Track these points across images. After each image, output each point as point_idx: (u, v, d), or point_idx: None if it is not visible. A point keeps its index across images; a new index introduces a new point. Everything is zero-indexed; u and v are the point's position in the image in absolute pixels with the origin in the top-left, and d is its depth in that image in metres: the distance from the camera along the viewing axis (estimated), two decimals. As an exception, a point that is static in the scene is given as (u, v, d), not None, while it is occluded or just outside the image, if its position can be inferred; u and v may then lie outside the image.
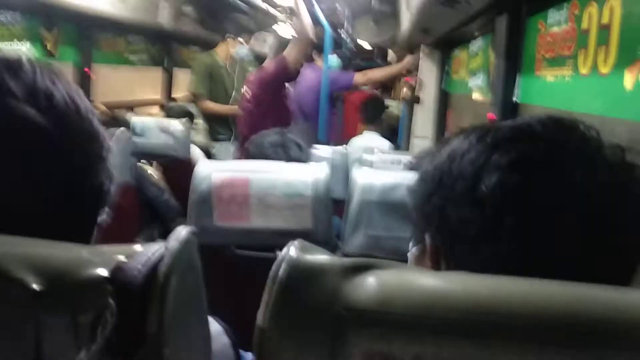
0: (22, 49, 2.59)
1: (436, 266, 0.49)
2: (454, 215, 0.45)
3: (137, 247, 0.37)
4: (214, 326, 0.66)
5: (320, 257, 0.35)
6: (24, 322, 0.33)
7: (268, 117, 2.68)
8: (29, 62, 0.49)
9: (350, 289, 0.33)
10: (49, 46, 2.80)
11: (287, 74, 2.74)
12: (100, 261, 0.35)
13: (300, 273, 0.33)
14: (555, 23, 1.22)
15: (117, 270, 0.35)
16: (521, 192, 0.43)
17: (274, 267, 0.34)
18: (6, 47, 2.49)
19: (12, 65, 0.47)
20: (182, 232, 0.38)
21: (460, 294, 0.32)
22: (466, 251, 0.45)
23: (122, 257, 0.36)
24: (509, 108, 1.51)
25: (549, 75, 1.24)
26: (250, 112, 2.80)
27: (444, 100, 2.91)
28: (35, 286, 0.34)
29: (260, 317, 0.32)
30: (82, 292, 0.34)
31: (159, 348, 0.34)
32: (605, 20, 0.96)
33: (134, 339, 0.33)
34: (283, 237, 1.33)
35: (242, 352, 0.69)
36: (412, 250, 0.56)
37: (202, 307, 0.41)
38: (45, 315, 0.33)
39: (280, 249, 0.97)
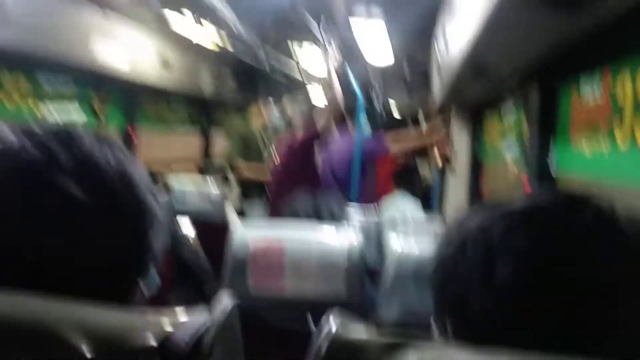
0: (73, 112, 2.77)
1: None
2: (474, 303, 0.45)
3: (183, 316, 0.39)
4: None
5: (360, 333, 0.35)
6: (75, 389, 0.34)
7: (297, 184, 2.73)
8: (85, 133, 0.51)
9: (392, 368, 0.33)
10: (97, 110, 2.98)
11: (317, 140, 2.85)
12: (149, 330, 0.36)
13: (342, 349, 0.34)
14: (588, 94, 1.23)
15: (165, 341, 0.36)
16: (537, 279, 0.42)
17: (315, 343, 0.34)
18: (58, 109, 2.66)
19: (66, 137, 0.50)
20: (226, 303, 0.39)
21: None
22: (487, 339, 0.43)
23: (169, 327, 0.37)
24: (545, 179, 1.50)
25: (586, 146, 1.23)
26: (280, 179, 2.88)
27: (477, 168, 2.90)
28: (88, 354, 0.35)
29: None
30: (131, 361, 0.35)
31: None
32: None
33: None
34: (317, 306, 1.32)
35: None
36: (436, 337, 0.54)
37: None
38: (95, 382, 0.34)
39: (314, 318, 0.96)
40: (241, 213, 3.09)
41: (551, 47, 1.25)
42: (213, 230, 2.49)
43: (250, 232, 1.35)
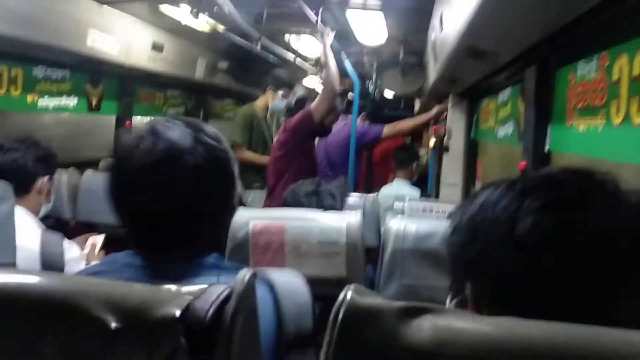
0: (70, 104, 2.75)
1: (479, 314, 0.50)
2: (495, 258, 0.48)
3: (204, 287, 0.40)
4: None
5: (376, 300, 0.37)
6: (104, 357, 0.36)
7: (292, 165, 2.71)
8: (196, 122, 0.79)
9: (406, 331, 0.34)
10: (93, 102, 2.96)
11: (312, 122, 2.76)
12: (171, 301, 0.38)
13: (359, 315, 0.35)
14: (585, 74, 1.25)
15: (187, 311, 0.37)
16: (555, 231, 0.46)
17: (334, 310, 0.36)
18: (53, 98, 2.65)
19: (201, 123, 0.81)
20: (245, 275, 0.40)
21: (511, 338, 0.34)
22: (509, 293, 0.47)
23: (190, 297, 0.39)
24: (540, 157, 1.52)
25: (581, 125, 1.25)
26: (276, 160, 2.84)
27: (473, 148, 2.93)
28: (113, 325, 0.37)
29: (323, 356, 0.34)
30: (155, 331, 0.37)
31: (225, 385, 0.36)
32: (636, 72, 0.98)
33: (203, 375, 0.36)
34: (317, 285, 1.34)
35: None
36: (452, 303, 0.57)
37: (259, 345, 0.44)
38: (122, 351, 0.36)
39: (315, 297, 0.99)
40: (240, 201, 3.07)
41: (548, 28, 1.26)
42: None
43: (250, 212, 1.36)
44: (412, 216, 1.77)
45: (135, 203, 0.74)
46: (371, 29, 3.04)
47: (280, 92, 3.45)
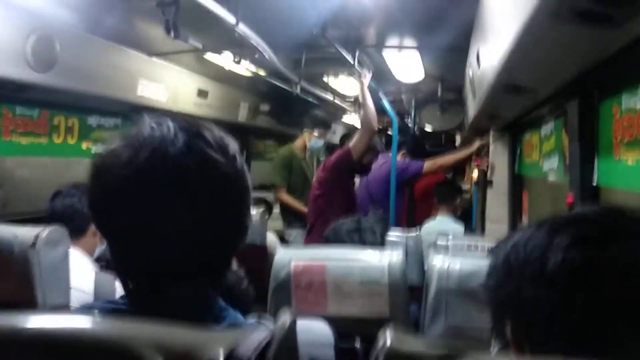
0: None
1: (520, 355, 0.50)
2: (528, 298, 0.49)
3: (245, 332, 0.41)
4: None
5: (415, 345, 0.37)
6: (152, 401, 0.38)
7: (332, 203, 2.73)
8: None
9: (446, 378, 0.34)
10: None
11: (350, 161, 2.80)
12: (215, 346, 0.39)
13: (398, 361, 0.36)
14: (630, 107, 1.22)
15: (230, 357, 0.39)
16: (585, 267, 0.47)
17: (373, 355, 0.36)
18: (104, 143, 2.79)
19: (206, 125, 0.64)
20: (286, 319, 0.41)
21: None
22: (543, 331, 0.48)
23: (233, 342, 0.40)
24: (588, 191, 1.47)
25: (629, 159, 1.22)
26: (316, 198, 2.87)
27: (518, 183, 2.86)
28: (161, 369, 0.38)
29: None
30: (201, 375, 0.38)
31: None
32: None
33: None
34: (360, 325, 1.32)
35: None
36: (495, 347, 0.57)
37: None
38: (170, 395, 0.37)
39: (360, 336, 0.99)
40: (282, 240, 3.10)
41: (587, 62, 1.25)
42: (253, 252, 2.53)
43: (292, 252, 1.38)
44: (456, 253, 1.73)
45: (115, 228, 0.59)
46: (408, 67, 3.08)
47: (316, 132, 3.54)
